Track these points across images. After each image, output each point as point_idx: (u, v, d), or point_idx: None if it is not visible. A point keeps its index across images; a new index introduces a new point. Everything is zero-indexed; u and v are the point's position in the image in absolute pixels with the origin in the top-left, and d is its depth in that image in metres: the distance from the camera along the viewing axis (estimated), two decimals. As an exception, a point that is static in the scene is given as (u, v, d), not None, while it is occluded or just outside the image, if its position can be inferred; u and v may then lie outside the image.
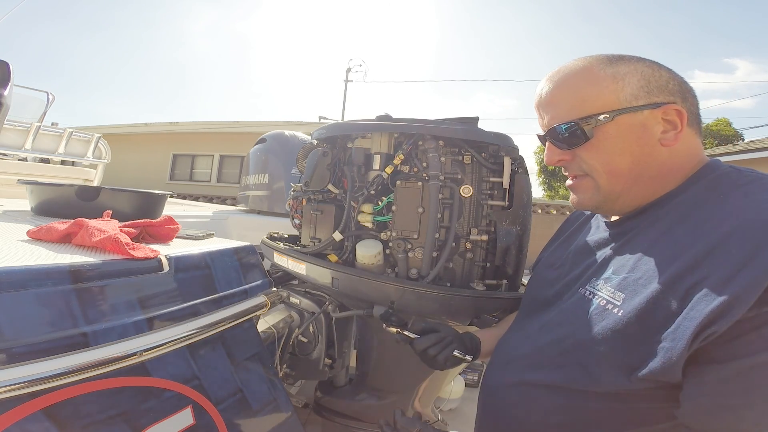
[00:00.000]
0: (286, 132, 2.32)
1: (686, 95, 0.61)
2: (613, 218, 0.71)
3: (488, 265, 0.99)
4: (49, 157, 2.60)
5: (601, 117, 0.60)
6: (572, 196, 0.70)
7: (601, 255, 0.67)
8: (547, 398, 0.62)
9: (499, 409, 0.70)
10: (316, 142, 1.13)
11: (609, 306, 0.57)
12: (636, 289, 0.55)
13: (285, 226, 1.40)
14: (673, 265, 0.52)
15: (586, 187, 0.66)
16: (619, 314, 0.55)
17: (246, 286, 0.85)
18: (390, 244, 0.96)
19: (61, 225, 0.75)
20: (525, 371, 0.67)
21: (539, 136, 0.72)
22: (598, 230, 0.73)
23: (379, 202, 0.98)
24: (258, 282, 0.88)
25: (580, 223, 0.81)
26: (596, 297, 0.61)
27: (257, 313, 0.84)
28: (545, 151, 0.69)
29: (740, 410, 0.46)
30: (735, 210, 0.52)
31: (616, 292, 0.58)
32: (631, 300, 0.55)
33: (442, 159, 0.96)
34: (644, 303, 0.53)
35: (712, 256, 0.49)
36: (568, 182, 0.69)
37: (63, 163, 2.72)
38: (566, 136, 0.63)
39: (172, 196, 2.26)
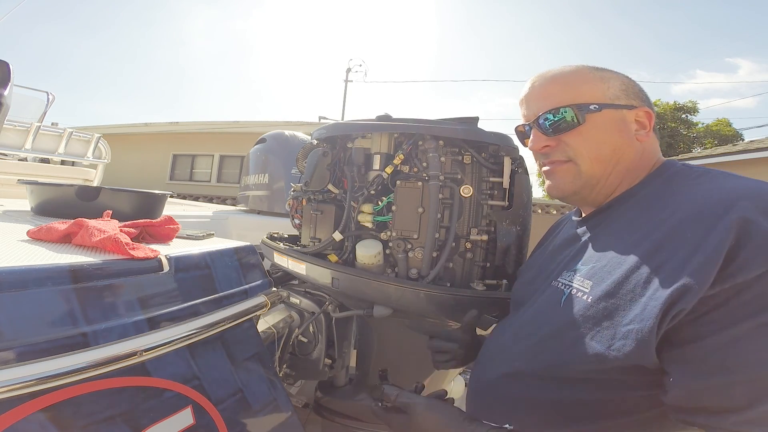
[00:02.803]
0: (286, 132, 2.32)
1: (652, 106, 0.71)
2: (583, 214, 0.76)
3: (488, 265, 0.99)
4: (49, 157, 2.60)
5: (592, 107, 0.67)
6: (549, 183, 0.74)
7: (571, 249, 0.72)
8: (530, 388, 0.64)
9: (487, 403, 0.72)
10: (316, 142, 1.13)
11: (579, 294, 0.61)
12: (602, 276, 0.59)
13: (285, 226, 1.40)
14: (635, 251, 0.57)
15: (566, 172, 0.70)
16: (588, 300, 0.59)
17: (246, 286, 0.85)
18: (390, 244, 0.96)
19: (61, 225, 0.75)
20: (507, 364, 0.69)
21: (519, 129, 0.77)
22: (570, 227, 0.78)
23: (379, 202, 0.98)
24: (258, 282, 0.88)
25: (561, 227, 0.86)
26: (567, 287, 0.65)
27: (257, 313, 0.84)
28: (530, 138, 0.73)
29: (725, 386, 0.47)
30: (687, 199, 0.57)
31: (584, 280, 0.62)
32: (598, 286, 0.59)
33: (442, 159, 0.96)
34: (610, 288, 0.56)
35: (670, 241, 0.53)
36: (545, 168, 0.73)
37: (63, 163, 2.72)
38: (555, 122, 0.69)
39: (172, 196, 2.26)
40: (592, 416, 0.58)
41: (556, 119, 0.68)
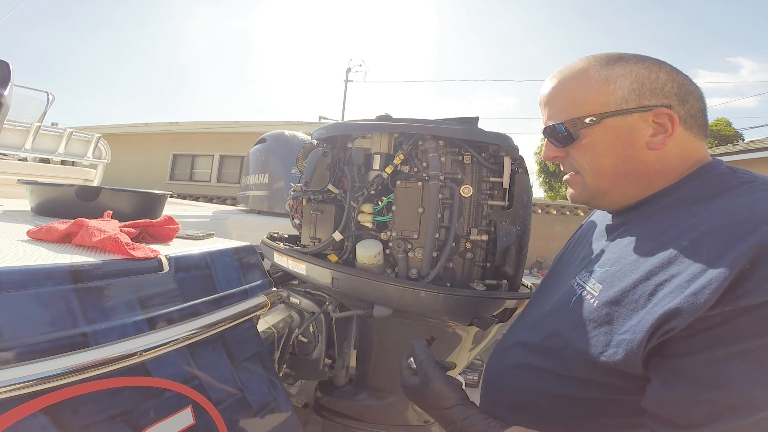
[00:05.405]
0: (286, 132, 2.32)
1: (686, 97, 0.61)
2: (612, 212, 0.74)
3: (488, 265, 0.99)
4: (49, 157, 2.60)
5: (587, 120, 0.64)
6: (568, 190, 0.74)
7: (595, 248, 0.71)
8: (538, 381, 0.65)
9: (498, 389, 0.74)
10: (316, 142, 1.13)
11: (588, 297, 0.61)
12: (612, 282, 0.58)
13: (285, 226, 1.40)
14: (649, 261, 0.55)
15: (576, 183, 0.71)
16: (594, 304, 0.58)
17: (246, 286, 0.85)
18: (390, 244, 0.96)
19: (61, 225, 0.75)
20: (523, 355, 0.70)
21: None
22: (601, 223, 0.76)
23: (379, 202, 0.98)
24: (258, 282, 0.88)
25: (595, 217, 0.84)
26: (580, 288, 0.64)
27: (257, 313, 0.84)
28: (543, 147, 0.73)
29: (690, 402, 0.47)
30: (716, 212, 0.54)
31: (596, 283, 0.61)
32: (606, 291, 0.58)
33: (442, 159, 0.96)
34: (616, 295, 0.56)
35: (685, 254, 0.51)
36: (565, 177, 0.74)
37: (63, 163, 2.72)
38: (559, 135, 0.67)
39: (172, 196, 2.26)
40: (589, 413, 0.59)
41: (558, 133, 0.67)
